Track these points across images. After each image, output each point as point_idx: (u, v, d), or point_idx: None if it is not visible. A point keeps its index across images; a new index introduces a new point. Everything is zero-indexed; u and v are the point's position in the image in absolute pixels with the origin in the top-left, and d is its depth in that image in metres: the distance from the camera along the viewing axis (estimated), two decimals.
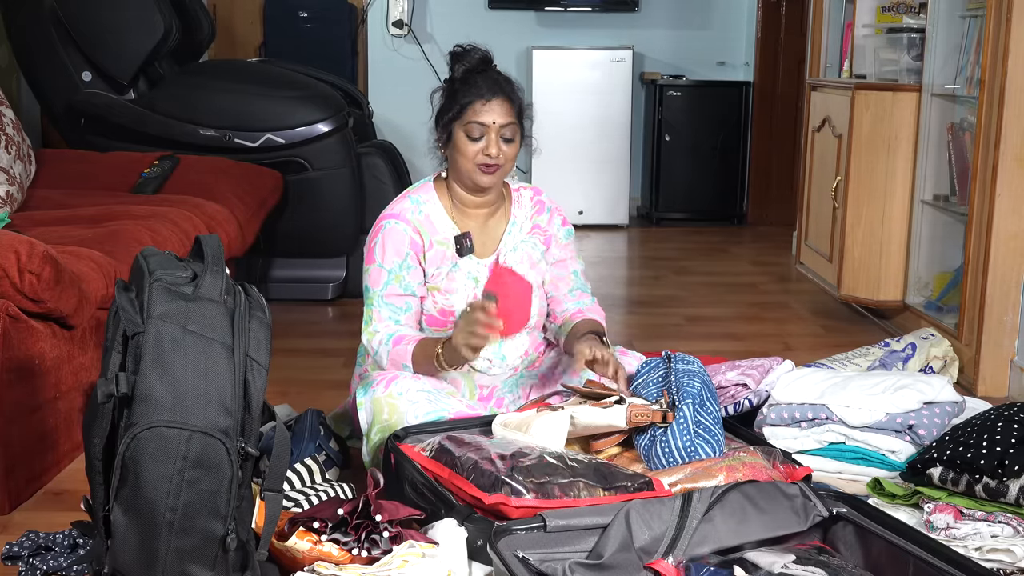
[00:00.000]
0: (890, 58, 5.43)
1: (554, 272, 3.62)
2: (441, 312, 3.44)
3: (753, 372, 3.72)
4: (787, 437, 3.42)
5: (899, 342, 4.42)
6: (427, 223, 3.45)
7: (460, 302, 3.43)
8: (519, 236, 3.55)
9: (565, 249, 3.64)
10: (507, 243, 3.52)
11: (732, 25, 8.98)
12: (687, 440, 2.94)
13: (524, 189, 3.64)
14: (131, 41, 5.76)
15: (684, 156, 8.62)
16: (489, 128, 3.33)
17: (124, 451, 2.30)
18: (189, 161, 5.47)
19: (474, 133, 3.34)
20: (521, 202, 3.59)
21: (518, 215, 3.57)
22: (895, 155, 5.15)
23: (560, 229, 3.62)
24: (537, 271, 3.56)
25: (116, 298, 2.43)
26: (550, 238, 3.60)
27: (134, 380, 2.32)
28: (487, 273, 3.48)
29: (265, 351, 2.45)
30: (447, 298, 3.44)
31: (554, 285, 3.62)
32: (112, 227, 4.27)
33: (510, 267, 3.49)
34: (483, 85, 3.35)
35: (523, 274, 3.51)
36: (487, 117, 3.33)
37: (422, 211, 3.46)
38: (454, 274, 3.44)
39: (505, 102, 3.35)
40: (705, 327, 5.56)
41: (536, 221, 3.59)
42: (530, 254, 3.55)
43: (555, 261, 3.62)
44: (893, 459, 3.31)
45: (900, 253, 5.21)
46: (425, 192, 3.51)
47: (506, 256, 3.50)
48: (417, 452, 2.94)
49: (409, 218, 3.43)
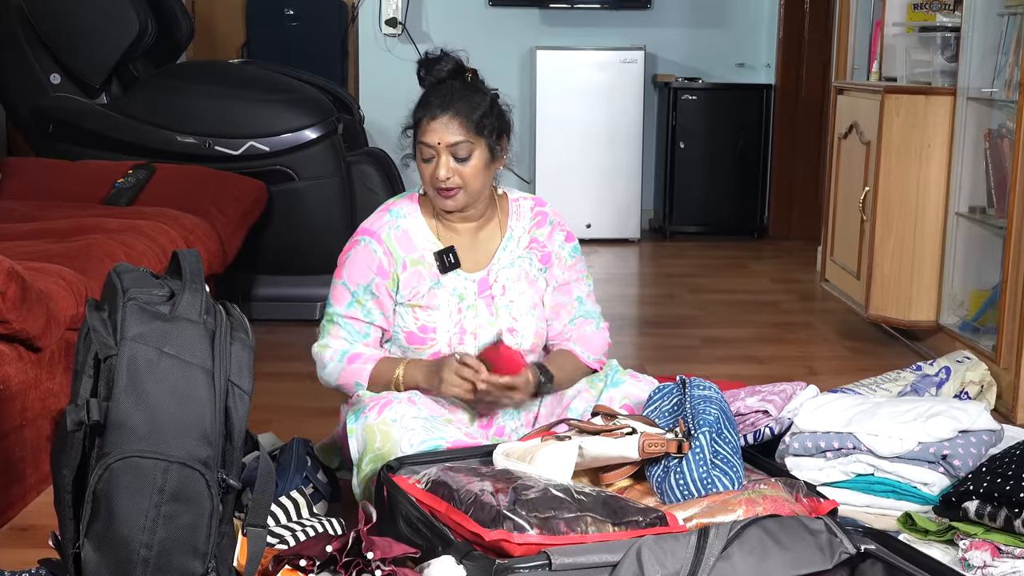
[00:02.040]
0: (922, 59, 5.44)
1: (556, 298, 3.59)
2: (422, 329, 3.45)
3: (774, 398, 3.72)
4: (811, 468, 3.42)
5: (932, 366, 4.42)
6: (403, 240, 3.46)
7: (443, 319, 3.44)
8: (515, 251, 3.54)
9: (571, 270, 3.61)
10: (501, 259, 3.52)
11: (752, 23, 9.00)
12: (703, 471, 2.94)
13: (524, 200, 3.62)
14: (103, 41, 5.78)
15: (700, 165, 8.63)
16: (436, 149, 3.35)
17: (96, 483, 2.31)
18: (166, 170, 5.47)
19: (424, 154, 3.39)
20: (520, 214, 3.59)
21: (515, 228, 3.56)
22: (928, 164, 5.15)
23: (564, 246, 3.60)
24: (535, 289, 3.55)
25: (87, 318, 2.43)
26: (549, 255, 3.58)
27: (106, 407, 2.33)
28: (476, 288, 3.48)
29: (248, 375, 2.45)
30: (429, 315, 3.45)
31: (554, 312, 3.59)
32: (83, 242, 4.28)
33: (515, 348, 3.44)
34: (434, 100, 3.38)
35: (521, 292, 3.51)
36: (432, 137, 3.35)
37: (400, 226, 3.48)
38: (436, 291, 3.45)
39: (455, 118, 3.34)
40: (723, 349, 5.56)
41: (535, 235, 3.57)
42: (527, 271, 3.54)
43: (559, 284, 3.60)
44: (926, 492, 3.31)
45: (933, 269, 5.22)
46: (408, 203, 3.54)
47: (498, 273, 3.50)
48: (412, 484, 2.94)
49: (384, 236, 3.46)
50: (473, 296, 3.47)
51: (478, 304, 3.47)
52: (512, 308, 3.49)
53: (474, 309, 3.46)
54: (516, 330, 3.48)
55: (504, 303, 3.49)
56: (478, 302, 3.47)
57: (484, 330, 3.46)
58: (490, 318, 3.46)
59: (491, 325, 3.46)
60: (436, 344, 3.45)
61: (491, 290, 3.49)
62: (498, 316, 3.47)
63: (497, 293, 3.49)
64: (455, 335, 3.44)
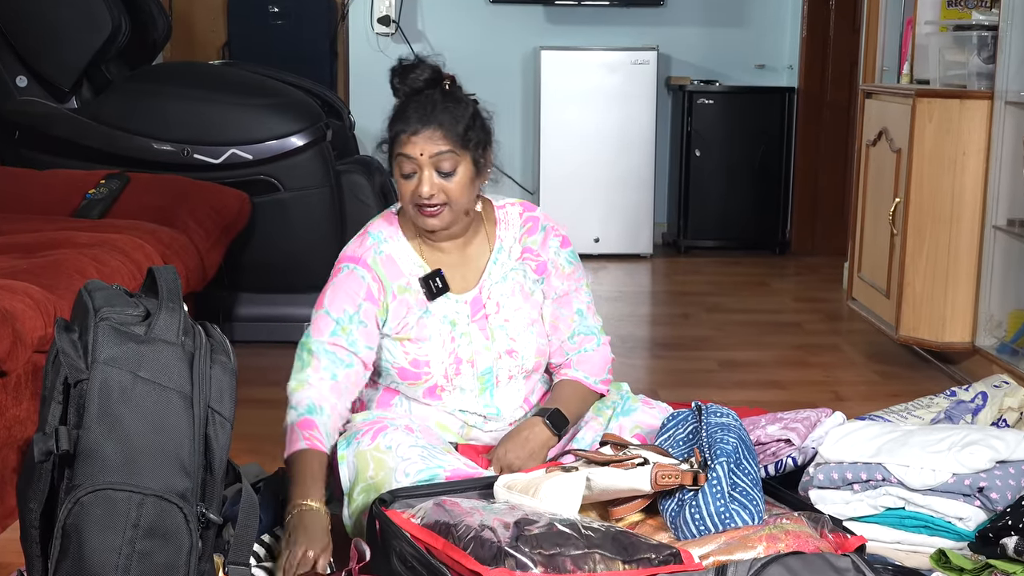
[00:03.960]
0: (957, 60, 5.45)
1: (554, 309, 3.59)
2: (413, 363, 3.44)
3: (797, 426, 3.72)
4: (837, 501, 3.42)
5: (967, 391, 4.42)
6: (389, 266, 3.45)
7: (436, 350, 3.42)
8: (507, 264, 3.53)
9: (569, 279, 3.60)
10: (492, 274, 3.51)
11: (773, 22, 9.02)
12: (721, 505, 2.95)
13: (512, 205, 3.61)
14: (73, 40, 5.78)
15: (717, 174, 8.64)
16: (418, 162, 3.31)
17: (65, 518, 2.31)
18: (141, 180, 5.48)
19: (405, 168, 3.33)
20: (508, 221, 3.57)
21: (504, 238, 3.55)
22: (963, 173, 5.16)
23: (560, 253, 3.59)
24: (531, 303, 3.55)
25: (56, 340, 2.44)
26: (545, 264, 3.57)
27: (77, 435, 2.34)
28: (469, 311, 3.47)
29: (229, 401, 2.46)
30: (420, 347, 3.43)
31: (553, 326, 3.59)
32: (51, 257, 4.29)
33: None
34: (411, 114, 3.33)
35: (516, 308, 3.50)
36: (414, 149, 3.30)
37: (383, 250, 3.46)
38: (426, 321, 3.44)
39: (438, 129, 3.30)
40: (742, 374, 5.57)
41: (527, 243, 3.56)
42: (522, 284, 3.54)
43: (557, 296, 3.60)
44: (961, 527, 3.31)
45: (969, 287, 5.22)
46: (387, 225, 3.51)
47: (491, 289, 3.49)
48: (406, 519, 2.95)
49: (370, 262, 3.44)
50: (466, 321, 3.46)
51: (471, 330, 3.47)
52: (508, 328, 3.49)
53: (468, 336, 3.46)
54: (515, 351, 3.48)
55: (499, 323, 3.48)
56: (471, 327, 3.47)
57: (481, 356, 3.45)
58: (486, 342, 3.46)
59: (487, 350, 3.45)
60: (432, 378, 3.44)
61: (484, 309, 3.49)
62: (494, 339, 3.47)
63: (491, 311, 3.49)
64: (451, 366, 3.44)
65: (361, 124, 7.39)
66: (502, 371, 3.48)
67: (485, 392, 3.47)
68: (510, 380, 3.51)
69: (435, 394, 3.46)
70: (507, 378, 3.50)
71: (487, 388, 3.47)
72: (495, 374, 3.47)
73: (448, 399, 3.47)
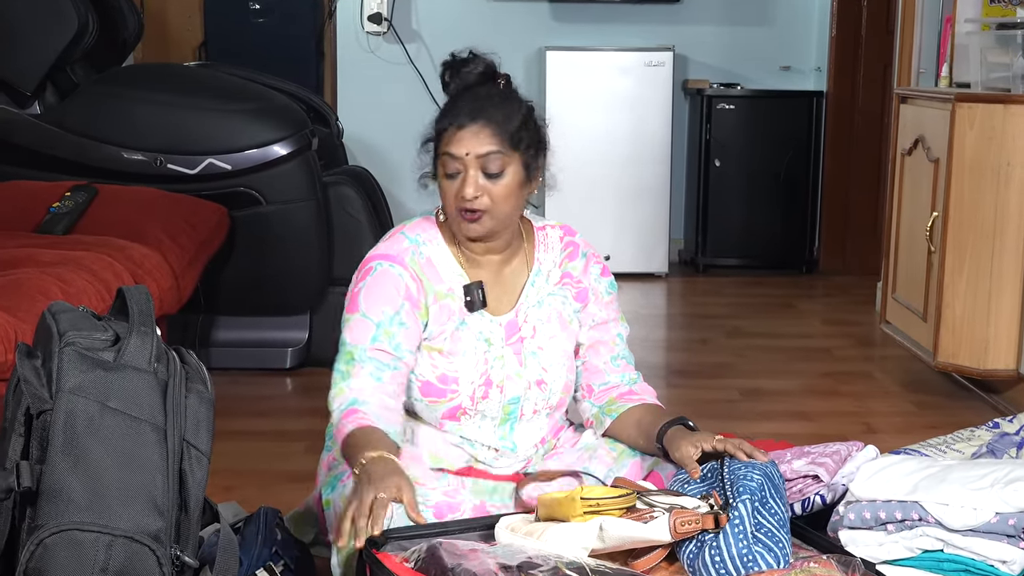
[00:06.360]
0: (1000, 62, 5.46)
1: (594, 335, 3.60)
2: (441, 379, 3.41)
3: (827, 461, 3.73)
4: (870, 543, 3.42)
5: (1012, 422, 4.42)
6: (429, 269, 3.43)
7: (467, 367, 3.41)
8: (545, 288, 3.54)
9: (608, 307, 3.61)
10: (529, 297, 3.52)
11: (800, 21, 9.04)
12: (743, 547, 2.95)
13: (552, 228, 3.62)
14: (35, 40, 5.79)
15: (738, 186, 8.66)
16: (463, 161, 3.30)
17: (27, 561, 2.31)
18: (109, 192, 5.49)
19: (449, 168, 3.32)
20: (548, 244, 3.58)
21: (544, 261, 3.56)
22: (1007, 184, 5.16)
23: (600, 280, 3.61)
24: (568, 333, 3.55)
25: (17, 367, 2.44)
26: (585, 291, 3.58)
27: (40, 471, 2.34)
28: (503, 334, 3.47)
29: (206, 434, 2.46)
30: (450, 362, 3.41)
31: (594, 350, 3.60)
32: (12, 276, 4.29)
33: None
34: (462, 107, 3.34)
35: (551, 336, 3.51)
36: (460, 147, 3.29)
37: (423, 253, 3.44)
38: (460, 333, 3.43)
39: (486, 126, 3.30)
40: (766, 404, 5.57)
41: (567, 268, 3.57)
42: (560, 311, 3.54)
43: (595, 323, 3.60)
44: (1004, 571, 3.31)
45: (1013, 310, 5.22)
46: (425, 230, 3.50)
47: (527, 312, 3.50)
48: (399, 563, 2.95)
49: (407, 261, 3.41)
50: (501, 343, 3.46)
51: (506, 352, 3.46)
52: (540, 356, 3.49)
53: (502, 360, 3.45)
54: (545, 383, 3.48)
55: (533, 348, 3.48)
56: (506, 350, 3.46)
57: (512, 382, 3.43)
58: (519, 368, 3.45)
59: (519, 376, 3.44)
60: (458, 397, 3.41)
61: (520, 332, 3.48)
62: (526, 366, 3.46)
63: (527, 335, 3.49)
64: (480, 387, 3.42)
65: (350, 131, 7.40)
66: (527, 403, 3.47)
67: (506, 424, 3.46)
68: (534, 415, 3.50)
69: (455, 416, 3.43)
70: (531, 412, 3.48)
71: (510, 419, 3.46)
72: (521, 405, 3.46)
73: (466, 425, 3.45)
